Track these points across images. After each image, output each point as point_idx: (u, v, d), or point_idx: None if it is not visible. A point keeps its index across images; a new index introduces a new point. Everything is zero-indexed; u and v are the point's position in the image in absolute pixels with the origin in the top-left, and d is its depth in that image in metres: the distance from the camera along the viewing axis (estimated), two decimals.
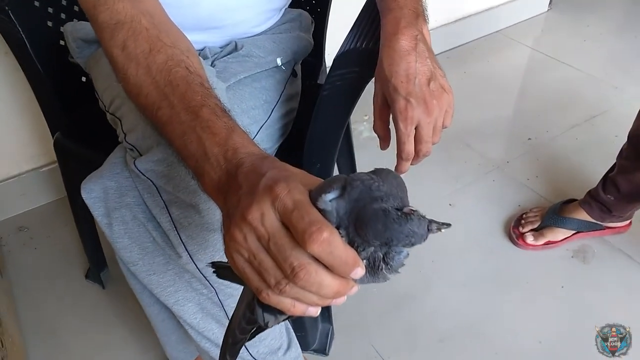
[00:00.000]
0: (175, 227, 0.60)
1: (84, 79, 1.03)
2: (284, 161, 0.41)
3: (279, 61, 0.87)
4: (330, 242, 0.34)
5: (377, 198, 0.37)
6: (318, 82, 1.17)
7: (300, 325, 0.99)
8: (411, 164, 0.68)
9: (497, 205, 1.39)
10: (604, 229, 1.27)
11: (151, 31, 0.54)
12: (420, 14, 0.64)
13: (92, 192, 0.63)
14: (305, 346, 1.02)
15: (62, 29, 0.96)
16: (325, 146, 0.83)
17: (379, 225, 0.36)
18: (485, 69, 1.97)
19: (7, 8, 0.85)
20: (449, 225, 0.39)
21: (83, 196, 0.63)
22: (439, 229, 0.38)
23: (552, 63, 1.98)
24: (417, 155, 0.66)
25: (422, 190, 1.44)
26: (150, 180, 0.58)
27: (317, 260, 0.35)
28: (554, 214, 1.27)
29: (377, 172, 0.39)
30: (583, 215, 1.24)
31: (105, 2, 0.55)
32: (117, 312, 1.17)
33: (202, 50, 0.81)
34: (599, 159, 1.50)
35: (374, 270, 0.39)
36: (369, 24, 0.73)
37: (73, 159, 0.96)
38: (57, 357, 1.09)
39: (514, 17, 2.22)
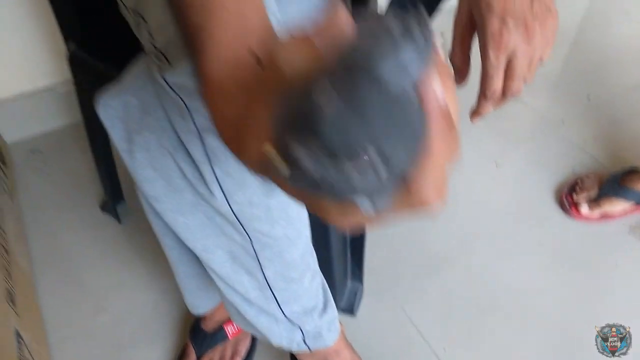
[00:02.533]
0: (210, 160, 0.49)
1: None
2: None
3: None
4: None
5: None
6: None
7: (328, 281, 0.91)
8: (493, 108, 0.56)
9: (549, 168, 1.26)
10: None
11: None
12: None
13: (110, 108, 0.52)
14: None
15: None
16: None
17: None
18: None
19: None
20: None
21: (99, 113, 0.52)
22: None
23: (616, 14, 1.78)
24: (504, 94, 0.54)
25: (467, 146, 1.31)
26: (181, 99, 0.47)
27: None
28: (614, 183, 1.14)
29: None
30: None
31: None
32: (134, 249, 1.09)
33: None
34: None
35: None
36: None
37: (89, 74, 0.84)
38: (68, 293, 1.02)
39: None
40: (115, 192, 1.10)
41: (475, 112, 0.57)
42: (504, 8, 0.48)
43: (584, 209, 1.15)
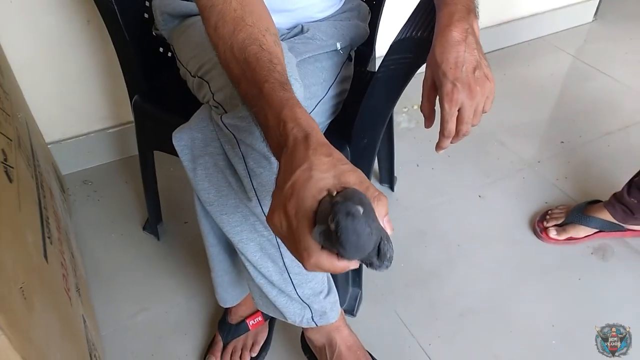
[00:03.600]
0: (249, 175, 0.71)
1: (161, 49, 1.16)
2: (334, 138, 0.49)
3: (338, 45, 0.98)
4: (317, 263, 0.46)
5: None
6: (368, 69, 1.27)
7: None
8: (451, 142, 0.78)
9: (524, 200, 1.47)
10: (625, 231, 1.33)
11: (238, 12, 0.64)
12: (472, 10, 0.74)
13: (182, 140, 0.75)
14: None
15: (149, 4, 1.09)
16: (374, 123, 0.94)
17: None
18: (525, 72, 2.03)
19: None
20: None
21: (174, 143, 0.75)
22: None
23: (592, 72, 2.03)
24: (457, 134, 0.75)
25: (455, 181, 1.53)
26: (232, 134, 0.70)
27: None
28: (578, 212, 1.34)
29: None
30: (606, 216, 1.31)
31: None
32: (170, 261, 1.30)
33: None
34: (629, 166, 1.54)
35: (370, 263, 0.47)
36: (424, 17, 0.83)
37: (149, 119, 1.08)
38: (114, 297, 1.22)
39: (558, 25, 2.27)
40: (157, 214, 1.32)
41: (437, 146, 0.79)
42: (454, 76, 0.70)
43: (553, 233, 1.34)
